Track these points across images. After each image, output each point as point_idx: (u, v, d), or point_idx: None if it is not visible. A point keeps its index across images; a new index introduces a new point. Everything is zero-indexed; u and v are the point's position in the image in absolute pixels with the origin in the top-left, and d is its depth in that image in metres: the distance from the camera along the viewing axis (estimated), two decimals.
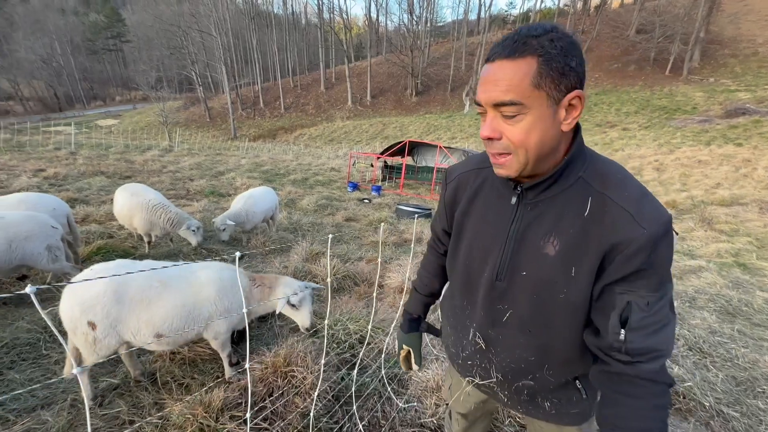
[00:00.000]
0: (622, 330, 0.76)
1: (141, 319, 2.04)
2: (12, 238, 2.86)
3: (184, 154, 18.88)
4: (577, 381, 0.97)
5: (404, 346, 1.29)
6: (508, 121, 0.76)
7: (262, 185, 7.93)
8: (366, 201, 11.06)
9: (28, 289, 0.57)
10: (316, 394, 1.82)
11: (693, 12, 36.65)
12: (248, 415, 1.11)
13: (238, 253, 0.98)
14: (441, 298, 1.32)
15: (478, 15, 62.32)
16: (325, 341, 1.71)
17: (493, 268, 0.93)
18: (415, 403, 2.32)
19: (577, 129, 0.84)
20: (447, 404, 1.41)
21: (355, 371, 2.20)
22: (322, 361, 1.63)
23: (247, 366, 1.07)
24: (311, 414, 1.79)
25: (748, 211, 10.35)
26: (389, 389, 2.39)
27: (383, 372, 2.50)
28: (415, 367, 1.29)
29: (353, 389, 2.14)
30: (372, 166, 18.10)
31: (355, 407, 2.13)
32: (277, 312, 2.51)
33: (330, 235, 1.33)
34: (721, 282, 4.95)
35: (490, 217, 0.96)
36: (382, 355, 2.57)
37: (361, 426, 2.09)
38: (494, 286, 0.94)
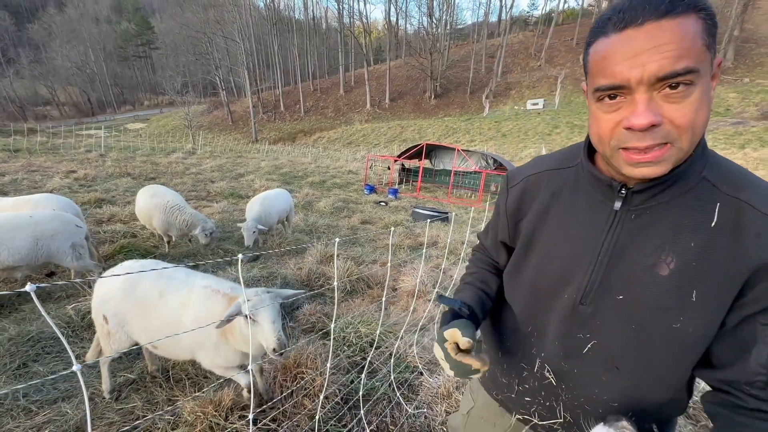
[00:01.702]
0: None
1: (139, 325, 2.04)
2: (38, 236, 3.00)
3: (207, 156, 19.42)
4: (654, 426, 0.81)
5: (445, 335, 0.80)
6: (671, 98, 0.57)
7: (280, 187, 8.06)
8: (382, 204, 11.06)
9: (28, 287, 0.58)
10: (322, 396, 1.82)
11: (726, 10, 35.16)
12: (251, 416, 1.11)
13: (240, 255, 0.97)
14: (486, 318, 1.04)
15: (498, 17, 61.72)
16: (331, 343, 1.71)
17: (578, 290, 0.77)
18: (425, 410, 2.29)
19: None
20: None
21: (364, 374, 2.19)
22: (329, 364, 1.62)
23: (250, 367, 1.08)
24: (317, 416, 1.78)
25: None
26: (399, 394, 2.36)
27: (393, 376, 2.48)
28: (464, 342, 0.77)
29: (361, 393, 2.12)
30: (389, 168, 18.13)
31: (363, 411, 2.12)
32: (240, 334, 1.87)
33: (337, 239, 1.32)
34: None
35: (576, 227, 0.79)
36: (392, 359, 2.55)
37: (368, 430, 2.07)
38: (576, 311, 0.77)
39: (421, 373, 2.62)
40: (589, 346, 0.77)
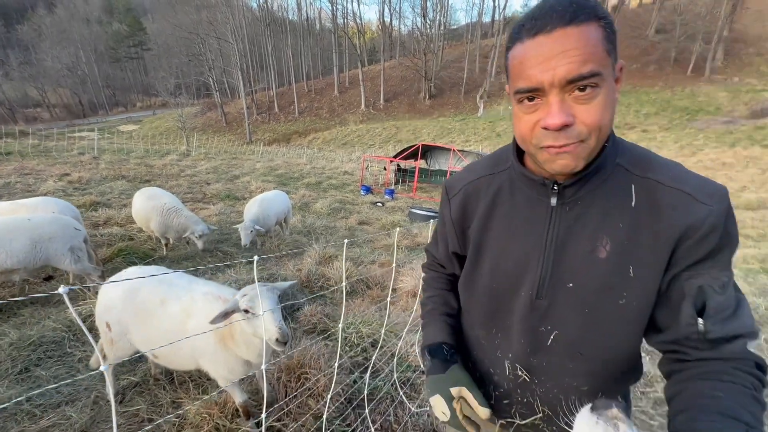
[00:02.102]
0: (699, 319, 0.68)
1: (141, 333, 2.02)
2: (37, 239, 2.98)
3: (201, 158, 19.32)
4: (618, 398, 0.85)
5: (452, 392, 0.85)
6: (580, 99, 0.63)
7: (276, 189, 8.05)
8: (379, 204, 11.09)
9: (61, 290, 0.60)
10: (329, 396, 1.84)
11: (716, 10, 35.71)
12: (264, 415, 1.13)
13: (256, 257, 0.99)
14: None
15: (492, 17, 62.08)
16: (339, 343, 1.73)
17: (532, 286, 0.81)
18: (428, 408, 2.31)
19: None
20: None
21: (368, 374, 2.21)
22: (336, 363, 1.64)
23: (263, 367, 1.09)
24: (324, 416, 1.80)
25: None
26: (402, 393, 2.39)
27: (396, 376, 2.50)
28: (484, 412, 0.81)
29: (366, 392, 2.14)
30: (385, 169, 18.15)
31: (367, 410, 2.14)
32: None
33: (346, 240, 1.34)
34: (746, 289, 4.77)
35: (520, 227, 0.82)
36: (395, 359, 2.57)
37: (373, 429, 2.09)
38: (535, 306, 0.81)
39: (423, 372, 2.65)
40: (551, 337, 0.81)
